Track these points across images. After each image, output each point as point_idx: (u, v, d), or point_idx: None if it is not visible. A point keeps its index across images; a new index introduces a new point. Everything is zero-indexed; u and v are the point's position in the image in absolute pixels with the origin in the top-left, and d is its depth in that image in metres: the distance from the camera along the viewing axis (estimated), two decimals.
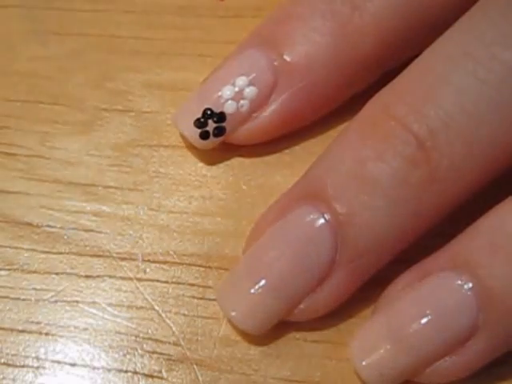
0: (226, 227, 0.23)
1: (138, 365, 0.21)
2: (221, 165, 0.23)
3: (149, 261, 0.22)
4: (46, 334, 0.21)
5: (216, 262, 0.22)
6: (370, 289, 0.21)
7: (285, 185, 0.22)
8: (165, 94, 0.24)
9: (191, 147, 0.23)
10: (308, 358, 0.21)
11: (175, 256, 0.22)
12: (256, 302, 0.20)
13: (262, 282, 0.20)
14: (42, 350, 0.21)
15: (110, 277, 0.22)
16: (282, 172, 0.23)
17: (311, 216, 0.20)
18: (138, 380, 0.21)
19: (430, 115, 0.19)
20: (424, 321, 0.19)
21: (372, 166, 0.19)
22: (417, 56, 0.21)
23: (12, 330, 0.21)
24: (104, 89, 0.25)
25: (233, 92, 0.22)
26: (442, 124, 0.19)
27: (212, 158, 0.23)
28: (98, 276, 0.22)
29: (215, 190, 0.23)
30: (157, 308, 0.22)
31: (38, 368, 0.21)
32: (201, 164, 0.23)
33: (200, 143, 0.22)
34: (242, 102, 0.22)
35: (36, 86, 0.25)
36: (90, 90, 0.25)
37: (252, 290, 0.20)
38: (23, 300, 0.22)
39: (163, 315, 0.22)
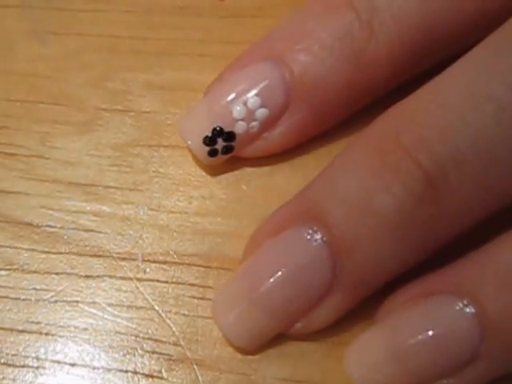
0: (227, 227, 0.23)
1: (138, 365, 0.21)
2: (221, 165, 0.23)
3: (149, 261, 0.22)
4: (46, 334, 0.21)
5: (216, 262, 0.22)
6: None
7: (285, 185, 0.22)
8: (165, 94, 0.24)
9: None
10: (308, 357, 0.21)
11: (175, 256, 0.22)
12: (249, 320, 0.20)
13: (258, 301, 0.20)
14: (42, 350, 0.21)
15: (110, 277, 0.22)
16: (282, 172, 0.23)
17: (309, 238, 0.20)
18: (138, 380, 0.21)
19: (443, 154, 0.18)
20: (423, 341, 0.19)
21: (378, 197, 0.19)
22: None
23: (12, 330, 0.21)
24: (104, 89, 0.25)
25: (244, 112, 0.21)
26: (455, 164, 0.18)
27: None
28: (97, 276, 0.22)
29: (215, 190, 0.23)
30: (157, 308, 0.22)
31: (37, 368, 0.21)
32: (201, 164, 0.23)
33: (207, 160, 0.22)
34: (252, 123, 0.22)
35: (36, 86, 0.25)
36: (90, 89, 0.25)
37: (245, 307, 0.20)
38: (23, 300, 0.22)
39: (163, 315, 0.21)
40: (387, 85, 0.22)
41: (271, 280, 0.20)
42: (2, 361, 0.21)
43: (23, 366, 0.21)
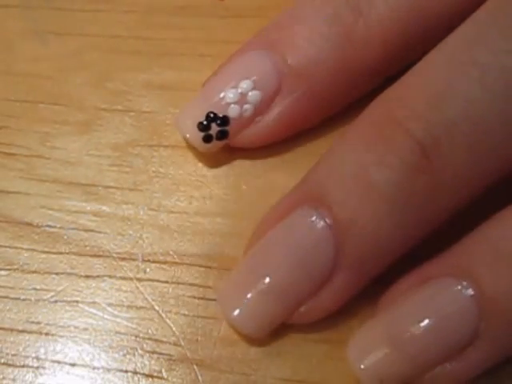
0: (227, 227, 0.23)
1: (138, 365, 0.21)
2: (221, 164, 0.23)
3: (149, 261, 0.22)
4: (46, 334, 0.21)
5: (216, 262, 0.22)
6: (370, 288, 0.21)
7: (285, 185, 0.22)
8: (165, 93, 0.24)
9: (191, 147, 0.23)
10: (308, 357, 0.21)
11: (175, 256, 0.22)
12: (256, 305, 0.20)
13: (263, 285, 0.20)
14: (42, 350, 0.21)
15: (110, 277, 0.22)
16: (282, 172, 0.23)
17: (312, 220, 0.20)
18: (138, 380, 0.21)
19: (435, 123, 0.19)
20: (424, 327, 0.19)
21: (375, 171, 0.19)
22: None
23: (12, 330, 0.21)
24: (104, 89, 0.25)
25: (237, 96, 0.22)
26: (447, 132, 0.19)
27: (212, 157, 0.23)
28: (97, 276, 0.22)
29: (215, 190, 0.23)
30: (157, 308, 0.22)
31: (37, 368, 0.21)
32: (201, 164, 0.23)
33: (203, 146, 0.22)
34: (245, 106, 0.22)
35: (36, 85, 0.25)
36: (90, 89, 0.25)
37: (253, 293, 0.20)
38: (23, 300, 0.22)
39: (163, 315, 0.21)
40: (380, 68, 0.22)
41: (276, 266, 0.20)
42: (2, 361, 0.21)
43: (23, 366, 0.21)
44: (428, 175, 0.19)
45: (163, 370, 0.21)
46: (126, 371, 0.21)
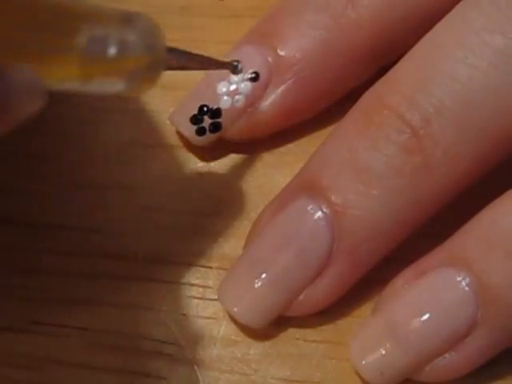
0: (227, 227, 0.23)
1: (138, 365, 0.21)
2: (221, 165, 0.23)
3: (149, 261, 0.22)
4: (46, 334, 0.21)
5: (216, 261, 0.22)
6: (369, 288, 0.21)
7: (284, 184, 0.22)
8: (165, 93, 0.24)
9: (191, 147, 0.23)
10: (308, 357, 0.21)
11: (175, 256, 0.22)
12: (257, 296, 0.20)
13: (263, 276, 0.20)
14: (42, 350, 0.21)
15: (110, 277, 0.22)
16: (282, 172, 0.23)
17: (308, 208, 0.20)
18: (138, 380, 0.21)
19: (423, 103, 0.19)
20: (423, 318, 0.19)
21: (366, 154, 0.20)
22: None
23: (12, 330, 0.22)
24: None
25: (228, 88, 0.22)
26: (435, 111, 0.19)
27: (212, 157, 0.23)
28: (98, 276, 0.22)
29: (215, 190, 0.23)
30: (157, 308, 0.22)
31: (37, 368, 0.21)
32: (201, 164, 0.23)
33: (196, 139, 0.23)
34: (237, 97, 0.22)
35: None
36: None
37: (253, 284, 0.20)
38: (23, 300, 0.22)
39: (163, 315, 0.22)
40: (371, 55, 0.22)
41: (275, 257, 0.20)
42: (2, 360, 0.21)
43: (23, 366, 0.21)
44: (418, 155, 0.19)
45: (163, 370, 0.21)
46: (127, 371, 0.21)
